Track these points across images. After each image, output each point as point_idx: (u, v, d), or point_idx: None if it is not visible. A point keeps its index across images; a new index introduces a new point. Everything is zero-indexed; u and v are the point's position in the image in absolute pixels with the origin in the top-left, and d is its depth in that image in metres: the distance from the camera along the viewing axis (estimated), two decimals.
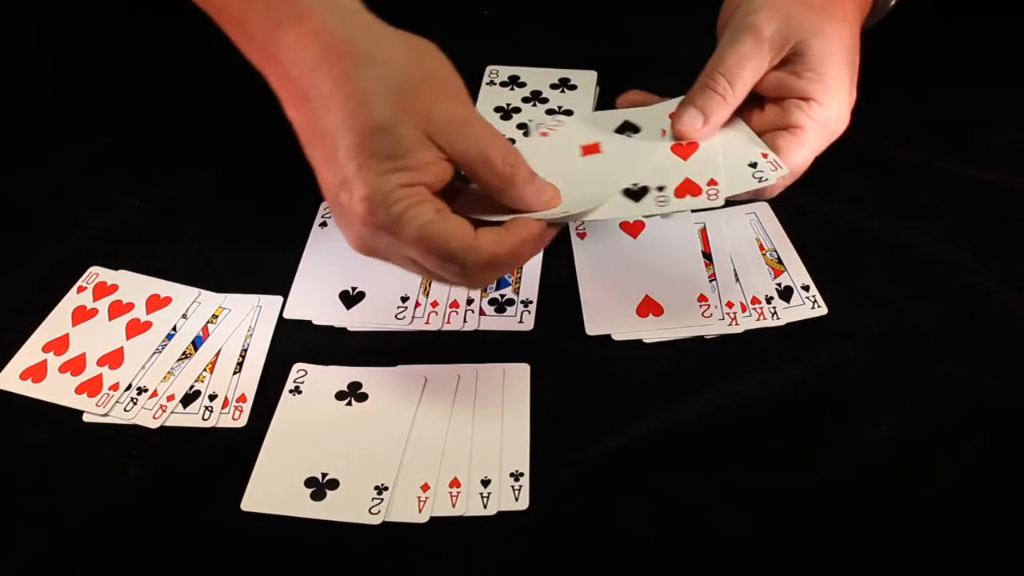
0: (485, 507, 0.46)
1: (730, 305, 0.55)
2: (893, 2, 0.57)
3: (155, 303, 0.56)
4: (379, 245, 0.44)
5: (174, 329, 0.54)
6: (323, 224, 0.61)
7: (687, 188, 0.47)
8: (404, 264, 0.45)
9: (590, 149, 0.51)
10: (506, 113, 0.67)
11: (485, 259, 0.43)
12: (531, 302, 0.56)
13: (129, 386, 0.51)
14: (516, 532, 0.46)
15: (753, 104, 0.51)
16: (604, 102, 0.68)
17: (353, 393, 0.51)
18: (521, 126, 0.66)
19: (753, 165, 0.48)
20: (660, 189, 0.47)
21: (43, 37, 0.77)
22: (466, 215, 0.45)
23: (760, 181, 0.48)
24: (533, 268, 0.58)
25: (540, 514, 0.46)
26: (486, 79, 0.71)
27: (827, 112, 0.50)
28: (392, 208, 0.42)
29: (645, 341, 0.54)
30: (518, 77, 0.71)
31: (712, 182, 0.47)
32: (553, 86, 0.69)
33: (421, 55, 0.45)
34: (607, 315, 0.55)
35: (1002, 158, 0.65)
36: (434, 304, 0.56)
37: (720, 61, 0.49)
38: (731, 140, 0.50)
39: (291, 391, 0.51)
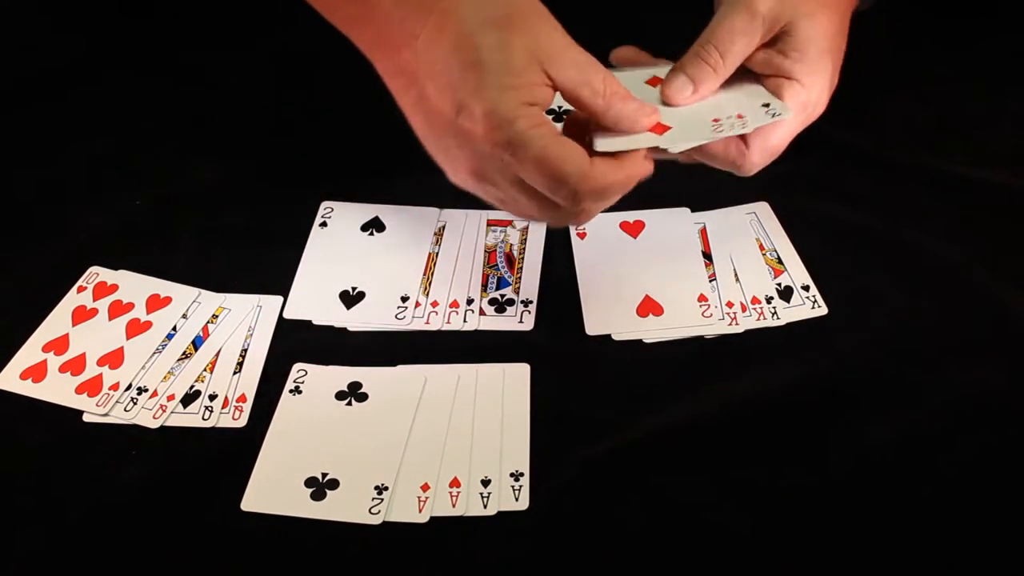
0: (485, 507, 0.46)
1: (730, 305, 0.55)
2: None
3: (155, 303, 0.56)
4: (494, 167, 0.45)
5: (174, 329, 0.55)
6: (323, 224, 0.61)
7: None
8: (510, 189, 0.46)
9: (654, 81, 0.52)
10: None
11: (597, 187, 0.45)
12: (531, 302, 0.56)
13: (129, 386, 0.51)
14: (516, 532, 0.46)
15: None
16: None
17: (353, 393, 0.51)
18: None
19: (766, 105, 0.50)
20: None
21: (43, 37, 0.77)
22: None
23: (773, 116, 0.49)
24: (533, 268, 0.58)
25: (540, 514, 0.46)
26: None
27: (807, 94, 0.51)
28: (515, 124, 0.43)
29: (645, 341, 0.54)
30: None
31: (739, 116, 0.49)
32: None
33: None
34: (607, 315, 0.55)
35: (1002, 158, 0.65)
36: (434, 304, 0.56)
37: (713, 33, 0.50)
38: (743, 85, 0.51)
39: (291, 391, 0.51)
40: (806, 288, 0.56)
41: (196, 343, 0.54)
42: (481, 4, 0.45)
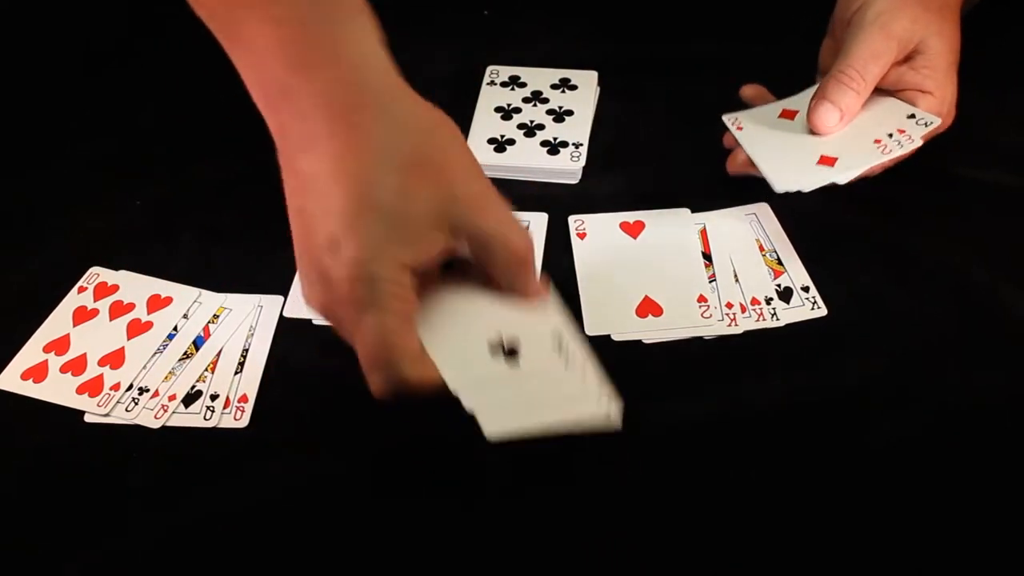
0: None
1: (730, 306, 0.55)
2: None
3: (156, 303, 0.56)
4: (339, 315, 0.42)
5: (175, 329, 0.55)
6: None
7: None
8: (340, 331, 0.43)
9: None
10: (506, 113, 0.67)
11: (410, 384, 0.41)
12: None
13: (130, 386, 0.52)
14: (517, 533, 0.46)
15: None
16: (604, 102, 0.68)
17: None
18: (521, 126, 0.66)
19: (912, 116, 0.52)
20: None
21: (42, 37, 0.77)
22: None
23: (927, 125, 0.52)
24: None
25: (539, 513, 0.47)
26: (486, 79, 0.71)
27: (940, 105, 0.54)
28: (376, 286, 0.39)
29: (644, 341, 0.54)
30: (518, 77, 0.71)
31: (900, 131, 0.53)
32: (553, 86, 0.69)
33: (439, 125, 0.43)
34: (607, 315, 0.55)
35: (1002, 158, 0.65)
36: None
37: (851, 56, 0.51)
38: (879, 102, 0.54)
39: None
40: (806, 289, 0.56)
41: (197, 343, 0.54)
42: (396, 134, 0.40)
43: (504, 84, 0.70)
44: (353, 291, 0.39)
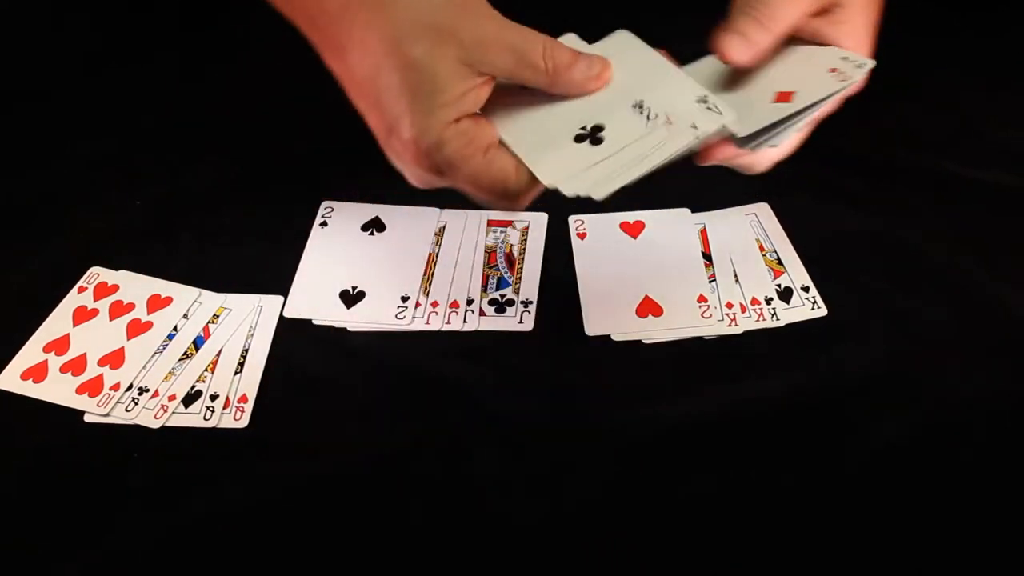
0: None
1: (730, 306, 0.55)
2: None
3: (156, 303, 0.56)
4: (435, 182, 0.46)
5: (175, 329, 0.55)
6: (323, 224, 0.61)
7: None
8: (459, 189, 0.47)
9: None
10: None
11: (533, 193, 0.46)
12: (531, 302, 0.56)
13: (130, 386, 0.52)
14: (515, 532, 0.46)
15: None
16: None
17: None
18: None
19: (845, 58, 0.49)
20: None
21: (42, 37, 0.77)
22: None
23: (860, 66, 0.48)
24: (533, 268, 0.58)
25: (539, 512, 0.47)
26: None
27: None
28: (443, 150, 0.43)
29: (644, 342, 0.54)
30: None
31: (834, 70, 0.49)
32: None
33: None
34: (607, 315, 0.55)
35: (1002, 158, 0.65)
36: (434, 304, 0.56)
37: None
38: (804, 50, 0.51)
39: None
40: (806, 289, 0.56)
41: (197, 343, 0.54)
42: (405, 11, 0.43)
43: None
44: (427, 161, 0.44)
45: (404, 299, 0.56)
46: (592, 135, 0.46)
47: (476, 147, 0.44)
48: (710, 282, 0.57)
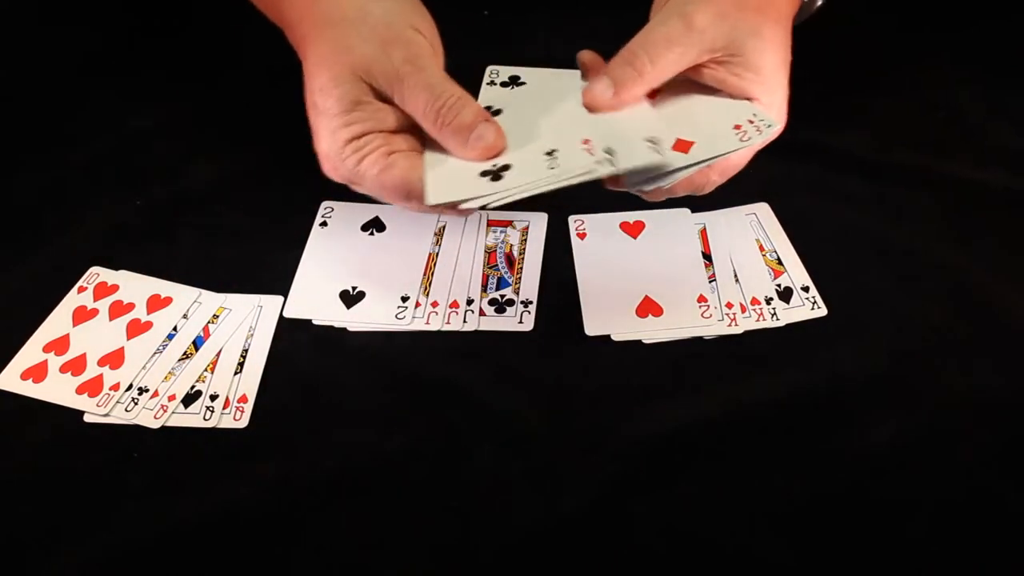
0: None
1: (730, 306, 0.55)
2: (819, 2, 0.57)
3: (156, 303, 0.56)
4: (354, 187, 0.50)
5: (175, 329, 0.55)
6: (323, 224, 0.61)
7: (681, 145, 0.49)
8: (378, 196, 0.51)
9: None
10: None
11: None
12: (531, 302, 0.56)
13: (130, 386, 0.51)
14: (515, 532, 0.46)
15: None
16: None
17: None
18: None
19: (754, 115, 0.49)
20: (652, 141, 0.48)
21: (43, 37, 0.77)
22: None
23: (769, 127, 0.48)
24: (533, 268, 0.58)
25: (539, 512, 0.47)
26: (486, 79, 0.70)
27: (768, 112, 0.50)
28: (346, 162, 0.48)
29: (644, 342, 0.54)
30: (518, 77, 0.70)
31: (741, 126, 0.49)
32: None
33: (391, 13, 0.49)
34: (607, 315, 0.55)
35: (1002, 158, 0.65)
36: (434, 304, 0.56)
37: (644, 39, 0.49)
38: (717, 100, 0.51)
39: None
40: (806, 289, 0.56)
41: (197, 343, 0.54)
42: (349, 28, 0.48)
43: (504, 84, 0.70)
44: (338, 172, 0.49)
45: (404, 299, 0.56)
46: (495, 173, 0.47)
47: (376, 155, 0.48)
48: (710, 282, 0.57)
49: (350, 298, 0.56)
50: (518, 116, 0.52)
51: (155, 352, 0.53)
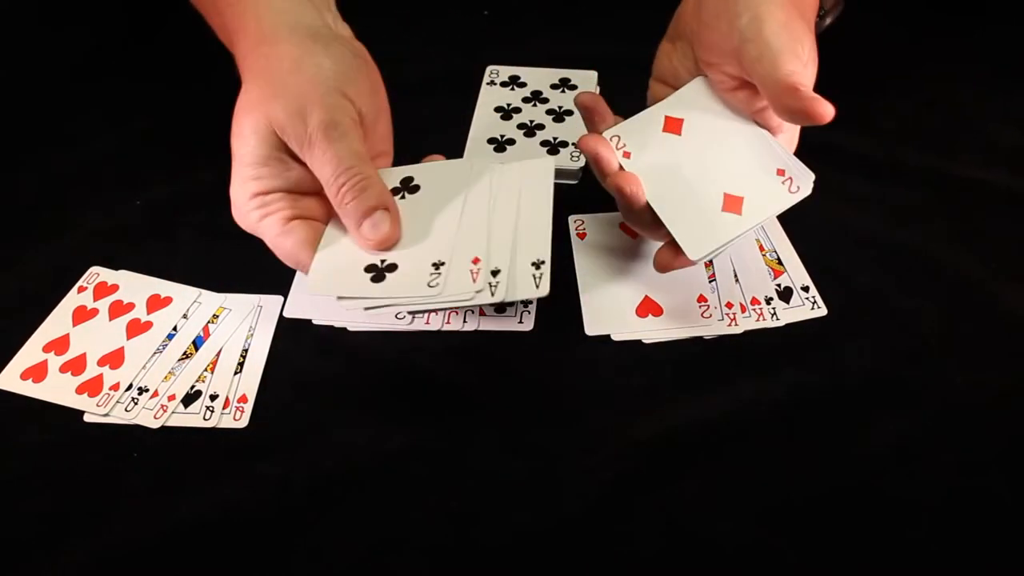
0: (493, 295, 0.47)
1: (729, 306, 0.55)
2: (828, 21, 0.58)
3: (155, 303, 0.56)
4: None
5: (175, 329, 0.55)
6: None
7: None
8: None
9: None
10: (506, 113, 0.67)
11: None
12: (531, 302, 0.56)
13: (130, 386, 0.51)
14: (514, 532, 0.46)
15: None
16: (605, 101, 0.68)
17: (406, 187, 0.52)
18: (521, 126, 0.66)
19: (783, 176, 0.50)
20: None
21: (43, 38, 0.77)
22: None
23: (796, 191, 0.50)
24: None
25: (538, 512, 0.47)
26: (486, 79, 0.71)
27: (791, 140, 0.52)
28: (249, 215, 0.49)
29: (644, 341, 0.54)
30: (518, 77, 0.71)
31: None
32: (553, 86, 0.70)
33: (324, 71, 0.49)
34: (606, 315, 0.55)
35: (1002, 158, 0.65)
36: None
37: (780, 64, 0.47)
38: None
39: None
40: (806, 289, 0.56)
41: (197, 343, 0.54)
42: (272, 75, 0.48)
43: (504, 84, 0.70)
44: (242, 221, 0.50)
45: None
46: (380, 272, 0.48)
47: (277, 217, 0.48)
48: (710, 282, 0.57)
49: None
50: (429, 203, 0.50)
51: (155, 352, 0.53)
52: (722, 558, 0.45)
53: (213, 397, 0.51)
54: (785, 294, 0.56)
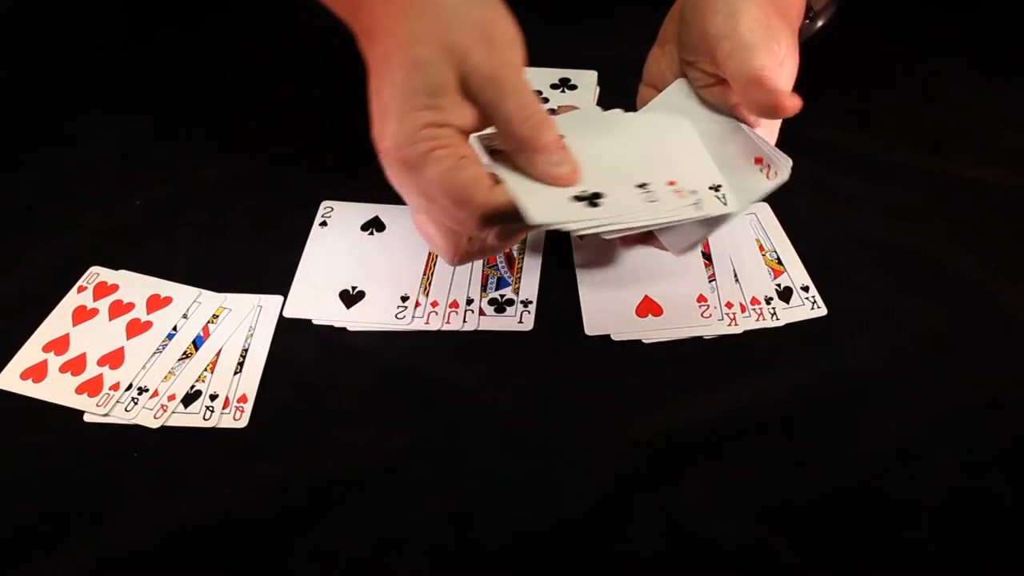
0: None
1: (729, 306, 0.55)
2: (820, 23, 0.58)
3: (155, 303, 0.56)
4: (405, 180, 0.46)
5: (175, 329, 0.55)
6: (323, 224, 0.61)
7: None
8: (418, 200, 0.46)
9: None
10: None
11: (487, 215, 0.44)
12: (531, 302, 0.56)
13: (130, 386, 0.51)
14: (514, 532, 0.46)
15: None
16: (604, 102, 0.68)
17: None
18: None
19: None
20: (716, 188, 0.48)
21: (43, 37, 0.77)
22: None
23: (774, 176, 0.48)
24: (533, 268, 0.58)
25: (538, 512, 0.46)
26: None
27: (771, 134, 0.51)
28: (418, 146, 0.44)
29: (644, 341, 0.54)
30: None
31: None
32: (553, 86, 0.70)
33: (492, 12, 0.46)
34: (606, 315, 0.55)
35: (1002, 158, 0.65)
36: (434, 304, 0.56)
37: (754, 60, 0.47)
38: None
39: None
40: (806, 289, 0.56)
41: (197, 343, 0.54)
42: (440, 10, 0.44)
43: None
44: (401, 152, 0.44)
45: (404, 299, 0.56)
46: (590, 199, 0.46)
47: (451, 151, 0.44)
48: (710, 282, 0.57)
49: (350, 298, 0.56)
50: (585, 144, 0.49)
51: (155, 352, 0.53)
52: (722, 558, 0.45)
53: (213, 397, 0.51)
54: (785, 294, 0.56)
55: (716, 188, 0.48)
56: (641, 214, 0.46)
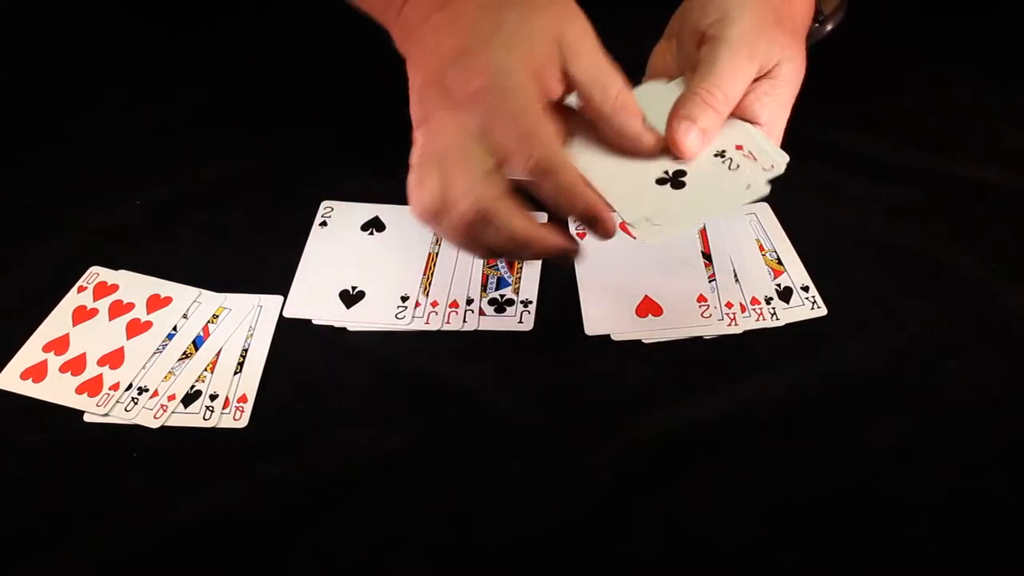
0: None
1: (729, 306, 0.55)
2: (829, 27, 0.58)
3: (155, 303, 0.56)
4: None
5: (175, 329, 0.55)
6: (323, 224, 0.61)
7: None
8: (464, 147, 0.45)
9: None
10: None
11: (554, 166, 0.44)
12: (531, 302, 0.56)
13: (130, 386, 0.52)
14: (514, 532, 0.46)
15: None
16: None
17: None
18: None
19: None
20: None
21: (43, 38, 0.77)
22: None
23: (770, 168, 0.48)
24: (533, 268, 0.58)
25: (539, 512, 0.46)
26: None
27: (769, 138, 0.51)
28: (511, 77, 0.43)
29: (644, 341, 0.54)
30: None
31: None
32: None
33: None
34: (606, 315, 0.55)
35: (1002, 158, 0.65)
36: (434, 304, 0.56)
37: (717, 74, 0.48)
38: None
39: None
40: (806, 289, 0.56)
41: (197, 343, 0.54)
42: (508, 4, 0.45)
43: None
44: (488, 82, 0.43)
45: (404, 299, 0.56)
46: (674, 179, 0.46)
47: (538, 99, 0.44)
48: (710, 282, 0.57)
49: (350, 298, 0.56)
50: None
51: (155, 352, 0.53)
52: (722, 558, 0.45)
53: (213, 397, 0.51)
54: (785, 294, 0.56)
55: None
56: (733, 196, 0.46)
